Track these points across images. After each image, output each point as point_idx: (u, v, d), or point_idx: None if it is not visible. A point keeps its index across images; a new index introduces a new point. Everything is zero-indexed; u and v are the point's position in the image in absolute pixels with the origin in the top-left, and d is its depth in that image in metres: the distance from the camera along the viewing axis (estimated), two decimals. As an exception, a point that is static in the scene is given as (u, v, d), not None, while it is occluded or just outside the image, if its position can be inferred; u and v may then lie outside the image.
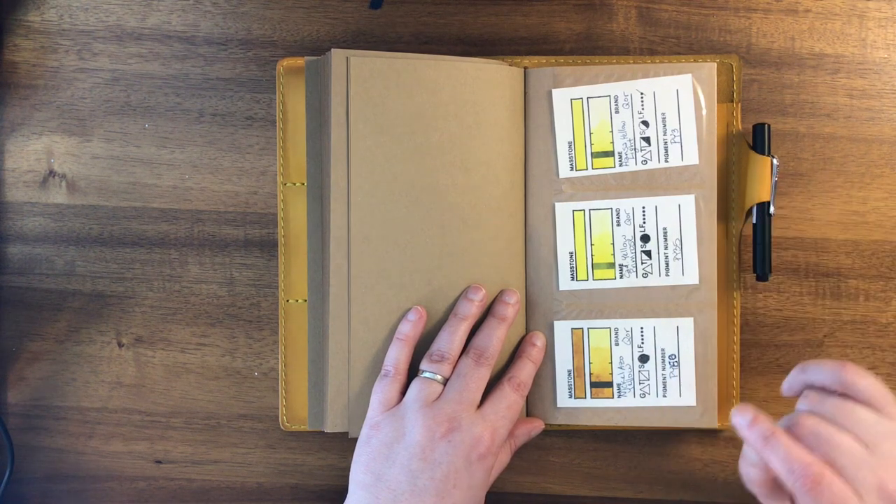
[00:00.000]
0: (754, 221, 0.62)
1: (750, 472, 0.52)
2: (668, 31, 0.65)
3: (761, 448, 0.50)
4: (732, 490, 0.66)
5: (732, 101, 0.63)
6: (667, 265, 0.63)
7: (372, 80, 0.60)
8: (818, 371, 0.53)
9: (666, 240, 0.63)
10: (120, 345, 0.67)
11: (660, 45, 0.65)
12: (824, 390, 0.52)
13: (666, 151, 0.62)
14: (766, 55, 0.65)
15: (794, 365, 0.65)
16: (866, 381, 0.51)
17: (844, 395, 0.51)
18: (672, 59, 0.63)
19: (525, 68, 0.64)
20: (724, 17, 0.65)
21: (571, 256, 0.63)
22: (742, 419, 0.51)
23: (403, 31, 0.66)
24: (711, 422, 0.63)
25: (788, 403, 0.65)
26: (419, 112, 0.61)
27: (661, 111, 0.62)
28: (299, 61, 0.64)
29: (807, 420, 0.50)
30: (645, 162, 0.63)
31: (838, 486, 0.48)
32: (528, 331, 0.64)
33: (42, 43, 0.67)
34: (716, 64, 0.63)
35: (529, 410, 0.64)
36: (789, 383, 0.55)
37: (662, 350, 0.63)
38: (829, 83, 0.64)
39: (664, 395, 0.63)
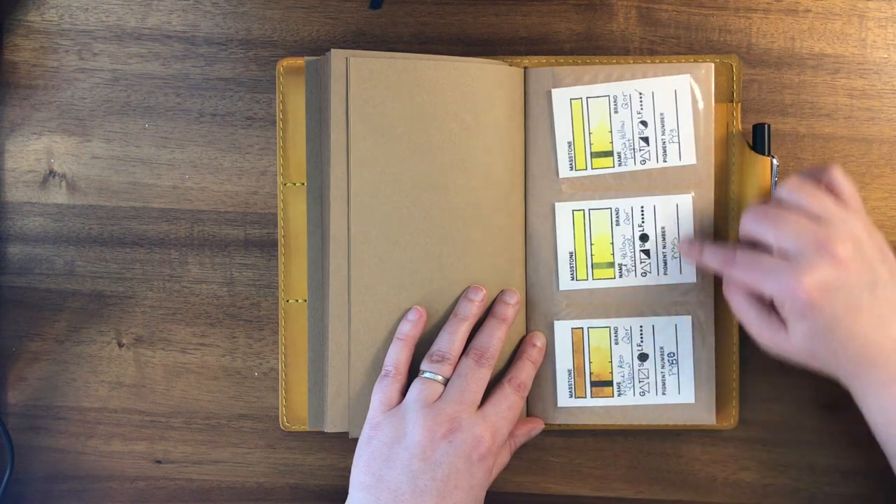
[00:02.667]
0: (754, 221, 0.62)
1: (734, 297, 0.58)
2: (668, 31, 0.65)
3: (699, 263, 0.61)
4: (732, 490, 0.66)
5: (732, 101, 0.63)
6: (665, 264, 0.63)
7: (371, 81, 0.60)
8: (812, 169, 0.59)
9: (664, 239, 0.63)
10: (120, 345, 0.67)
11: (660, 45, 0.65)
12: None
13: (664, 151, 0.62)
14: (766, 55, 0.65)
15: (796, 366, 0.65)
16: (841, 177, 0.57)
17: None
18: (671, 59, 0.63)
19: (525, 68, 0.64)
20: (724, 17, 0.65)
21: (571, 256, 0.63)
22: (687, 251, 0.62)
23: (403, 31, 0.66)
24: (710, 419, 0.63)
25: (789, 407, 0.66)
26: (419, 112, 0.61)
27: (660, 111, 0.62)
28: (299, 61, 0.64)
29: (761, 207, 0.57)
30: (644, 162, 0.63)
31: (748, 256, 0.56)
32: (528, 331, 0.64)
33: (42, 43, 0.67)
34: (713, 64, 0.63)
35: (529, 410, 0.64)
36: None
37: (661, 348, 0.63)
38: (829, 83, 0.64)
39: (663, 393, 0.63)
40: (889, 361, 0.55)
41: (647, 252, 0.63)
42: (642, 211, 0.63)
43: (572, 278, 0.64)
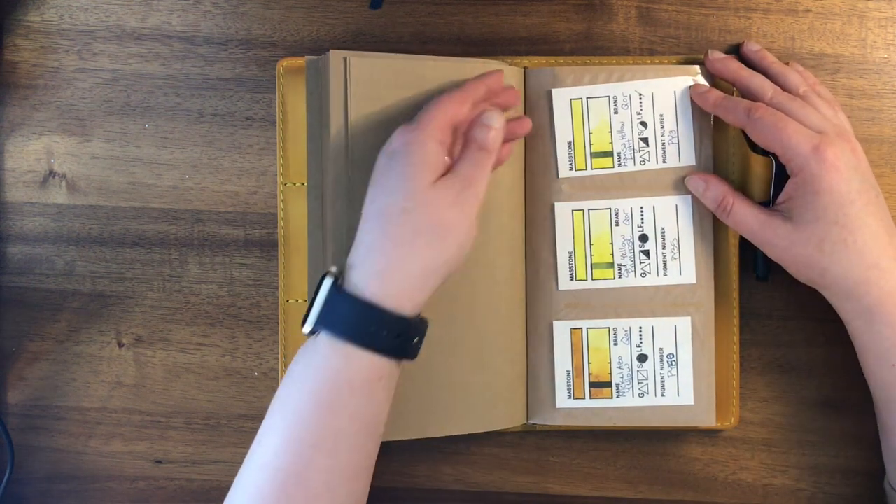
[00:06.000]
0: (754, 221, 0.62)
1: (737, 204, 0.60)
2: (669, 31, 0.65)
3: (716, 107, 0.61)
4: (732, 490, 0.66)
5: (730, 101, 0.63)
6: (664, 265, 0.63)
7: (371, 81, 0.60)
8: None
9: (664, 239, 0.63)
10: (120, 345, 0.67)
11: (660, 45, 0.65)
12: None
13: (664, 152, 0.62)
14: (766, 55, 0.65)
15: (796, 366, 0.65)
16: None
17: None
18: (671, 59, 0.63)
19: (525, 68, 0.64)
20: (725, 17, 0.65)
21: (571, 256, 0.63)
22: (703, 96, 0.61)
23: (403, 31, 0.66)
24: (709, 420, 0.63)
25: (789, 407, 0.65)
26: (416, 113, 0.60)
27: (660, 112, 0.62)
28: (299, 61, 0.64)
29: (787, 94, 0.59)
30: (643, 162, 0.63)
31: (777, 114, 0.57)
32: (528, 331, 0.64)
33: (42, 43, 0.67)
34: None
35: (529, 411, 0.64)
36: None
37: (661, 349, 0.63)
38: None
39: (662, 395, 0.63)
40: (892, 270, 0.56)
41: (646, 252, 0.63)
42: (642, 211, 0.63)
43: (572, 278, 0.64)
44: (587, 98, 0.63)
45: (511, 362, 0.64)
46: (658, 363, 0.63)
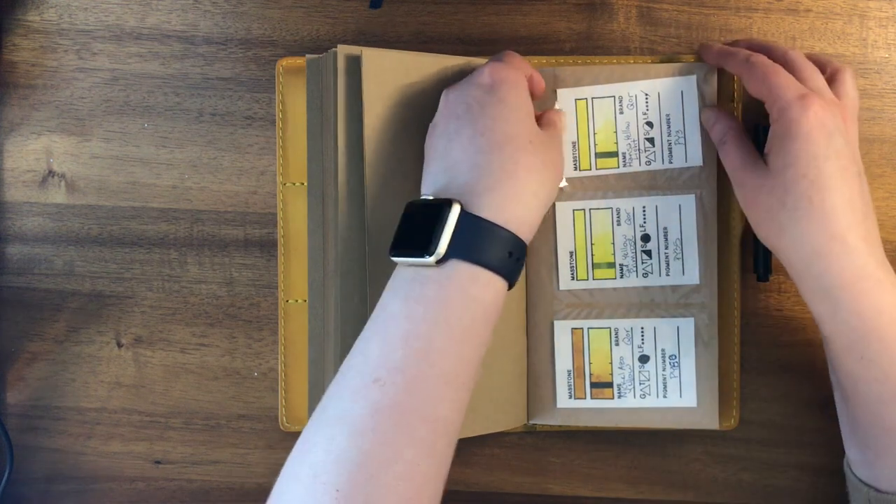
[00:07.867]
0: (755, 221, 0.62)
1: (730, 139, 0.58)
2: (669, 31, 0.65)
3: (720, 52, 0.60)
4: (733, 491, 0.66)
5: (733, 101, 0.63)
6: (667, 265, 0.62)
7: (383, 76, 0.58)
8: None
9: (666, 239, 0.62)
10: (119, 345, 0.67)
11: (660, 44, 0.65)
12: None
13: (670, 152, 0.62)
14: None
15: (796, 366, 0.65)
16: (851, 79, 0.58)
17: None
18: (672, 58, 0.63)
19: (525, 68, 0.63)
20: (725, 16, 0.65)
21: (571, 256, 0.63)
22: (707, 47, 0.61)
23: (403, 31, 0.66)
24: (712, 423, 0.63)
25: (789, 407, 0.65)
26: (426, 109, 0.60)
27: (666, 112, 0.62)
28: (299, 61, 0.64)
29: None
30: (649, 163, 0.62)
31: (772, 64, 0.56)
32: (528, 331, 0.64)
33: (41, 42, 0.67)
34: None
35: (529, 411, 0.64)
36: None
37: (663, 350, 0.63)
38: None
39: (664, 396, 0.63)
40: (860, 249, 0.52)
41: (648, 252, 0.63)
42: (644, 211, 0.62)
43: (572, 278, 0.63)
44: (592, 98, 0.63)
45: (512, 362, 0.64)
46: (660, 364, 0.63)
